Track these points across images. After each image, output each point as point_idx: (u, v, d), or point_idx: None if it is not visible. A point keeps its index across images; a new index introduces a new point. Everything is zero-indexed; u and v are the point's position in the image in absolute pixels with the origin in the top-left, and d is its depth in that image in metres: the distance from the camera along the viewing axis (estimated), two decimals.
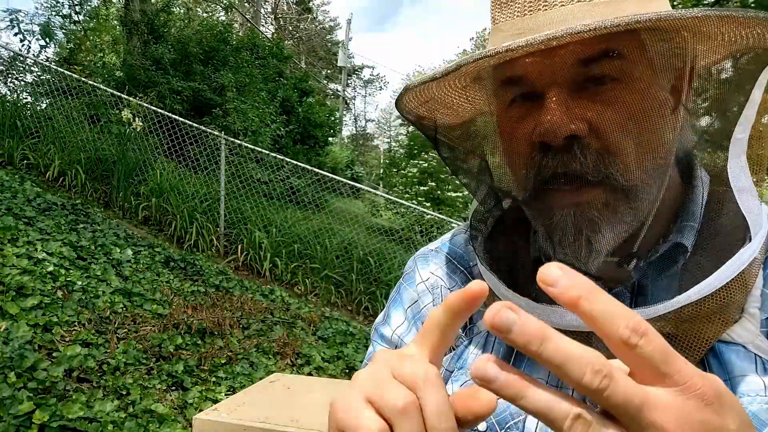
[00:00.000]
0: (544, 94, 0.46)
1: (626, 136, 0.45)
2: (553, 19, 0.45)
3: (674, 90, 0.47)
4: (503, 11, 0.49)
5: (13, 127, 5.88)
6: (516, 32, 0.47)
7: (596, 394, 0.25)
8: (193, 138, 6.69)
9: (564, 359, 0.26)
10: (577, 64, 0.45)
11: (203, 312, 3.88)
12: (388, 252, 6.38)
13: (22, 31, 7.81)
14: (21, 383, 2.43)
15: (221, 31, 10.38)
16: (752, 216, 0.44)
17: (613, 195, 0.46)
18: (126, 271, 4.04)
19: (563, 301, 0.27)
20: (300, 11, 26.41)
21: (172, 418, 2.66)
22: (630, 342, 0.26)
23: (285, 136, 10.61)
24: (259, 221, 6.24)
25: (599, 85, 0.45)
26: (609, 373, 0.25)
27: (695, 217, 0.49)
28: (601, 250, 0.46)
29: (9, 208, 4.10)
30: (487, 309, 0.26)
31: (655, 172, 0.46)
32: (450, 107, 0.58)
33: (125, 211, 5.83)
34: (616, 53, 0.44)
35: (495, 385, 0.27)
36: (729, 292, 0.43)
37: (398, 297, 0.68)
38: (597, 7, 0.44)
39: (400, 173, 13.34)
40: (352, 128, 37.78)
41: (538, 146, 0.47)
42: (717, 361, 0.45)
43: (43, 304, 3.10)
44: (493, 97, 0.54)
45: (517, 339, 0.26)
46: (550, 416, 0.26)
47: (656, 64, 0.44)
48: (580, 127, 0.45)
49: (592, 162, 0.45)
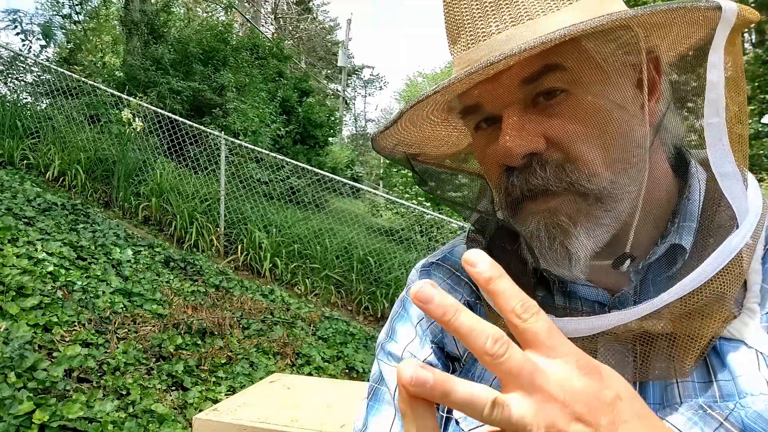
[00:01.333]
0: (501, 117, 0.48)
1: (584, 142, 0.45)
2: (493, 47, 0.46)
3: (639, 85, 0.47)
4: (454, 47, 0.51)
5: (13, 127, 5.88)
6: (464, 65, 0.49)
7: (495, 359, 0.29)
8: (193, 138, 6.69)
9: (470, 329, 0.29)
10: (522, 84, 0.46)
11: (203, 312, 3.88)
12: (388, 252, 6.38)
13: (24, 31, 7.81)
14: (21, 383, 2.43)
15: (221, 31, 10.37)
16: (737, 202, 0.44)
17: (584, 200, 0.47)
18: (126, 271, 4.04)
19: (479, 281, 0.31)
20: (300, 11, 26.41)
21: (172, 418, 2.66)
22: (522, 317, 0.30)
23: (285, 136, 10.60)
24: (259, 221, 6.24)
25: (550, 98, 0.46)
26: (506, 342, 0.29)
27: (693, 216, 0.49)
28: (580, 254, 0.47)
29: (9, 208, 4.10)
30: (413, 284, 0.29)
31: (627, 170, 0.46)
32: (439, 140, 0.60)
33: (125, 211, 5.83)
34: (556, 66, 0.45)
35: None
36: (721, 283, 0.42)
37: (404, 312, 0.65)
38: (530, 27, 0.45)
39: (400, 173, 13.35)
40: (352, 128, 37.79)
41: (504, 168, 0.49)
42: (720, 361, 0.44)
43: (43, 304, 3.10)
44: (460, 123, 0.56)
45: (435, 310, 0.29)
46: (473, 406, 0.28)
47: (604, 66, 0.45)
48: (535, 143, 0.46)
49: (553, 174, 0.46)
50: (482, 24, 0.47)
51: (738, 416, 0.41)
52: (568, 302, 0.53)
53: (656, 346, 0.45)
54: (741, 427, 0.40)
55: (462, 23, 0.49)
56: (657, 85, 0.48)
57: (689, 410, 0.43)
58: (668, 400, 0.44)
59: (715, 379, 0.44)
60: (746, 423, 0.40)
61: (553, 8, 0.45)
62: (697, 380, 0.44)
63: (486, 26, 0.47)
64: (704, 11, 0.41)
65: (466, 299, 0.60)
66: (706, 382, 0.44)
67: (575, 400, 0.29)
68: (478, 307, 0.59)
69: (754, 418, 0.40)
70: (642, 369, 0.45)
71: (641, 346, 0.45)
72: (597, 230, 0.47)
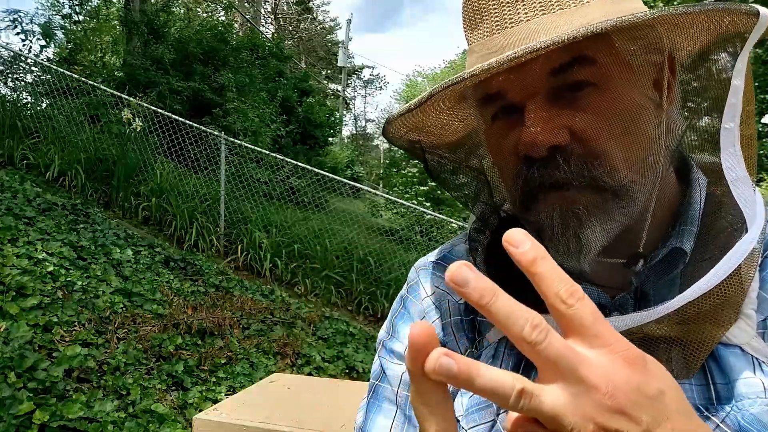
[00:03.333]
0: (524, 107, 0.47)
1: (608, 138, 0.45)
2: (521, 35, 0.45)
3: (657, 85, 0.47)
4: (474, 32, 0.50)
5: (13, 127, 5.88)
6: (487, 52, 0.48)
7: (533, 346, 0.28)
8: (193, 138, 6.69)
9: (508, 313, 0.28)
10: (550, 75, 0.46)
11: (203, 312, 3.88)
12: (388, 252, 6.38)
13: (24, 31, 7.82)
14: (21, 383, 2.43)
15: (221, 31, 10.37)
16: (748, 206, 0.44)
17: (601, 195, 0.47)
18: (126, 271, 4.04)
19: (521, 261, 0.29)
20: (300, 11, 26.41)
21: (172, 418, 2.66)
22: (567, 302, 0.29)
23: (285, 136, 10.60)
24: (259, 221, 6.23)
25: (576, 91, 0.46)
26: (545, 328, 0.28)
27: (694, 221, 0.49)
28: (591, 246, 0.47)
29: (9, 208, 4.10)
30: (449, 266, 0.29)
31: (644, 169, 0.47)
32: (439, 128, 0.60)
33: (125, 211, 5.83)
34: (586, 59, 0.44)
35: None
36: (727, 287, 0.42)
37: (404, 311, 0.65)
38: (562, 17, 0.45)
39: (400, 173, 13.36)
40: (352, 128, 37.81)
41: (523, 159, 0.49)
42: (716, 365, 0.45)
43: (43, 304, 3.10)
44: (477, 113, 0.55)
45: (471, 293, 0.28)
46: (498, 394, 0.27)
47: (632, 63, 0.45)
48: (561, 136, 0.46)
49: (576, 168, 0.46)
50: (510, 10, 0.46)
51: (734, 419, 0.42)
52: None
53: (663, 349, 0.45)
54: (737, 429, 0.41)
55: (487, 9, 0.48)
56: (672, 86, 0.48)
57: None
58: None
59: (712, 382, 0.44)
60: (742, 425, 0.41)
61: (583, 0, 0.45)
62: (694, 383, 0.45)
63: (514, 13, 0.46)
64: (744, 15, 0.41)
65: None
66: (703, 385, 0.44)
67: (617, 391, 0.28)
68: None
69: (750, 420, 0.41)
70: None
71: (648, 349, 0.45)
72: (609, 224, 0.47)
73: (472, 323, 0.59)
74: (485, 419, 0.52)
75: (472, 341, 0.59)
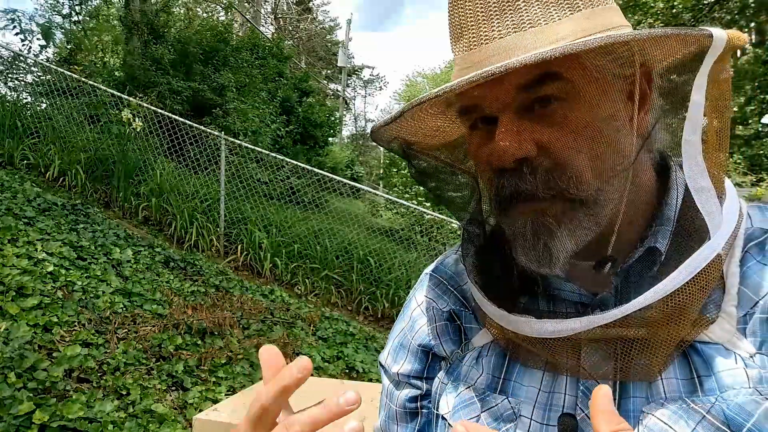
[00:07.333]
0: (497, 118, 0.49)
1: (574, 151, 0.47)
2: (494, 52, 0.48)
3: (630, 97, 0.49)
4: (456, 45, 0.52)
5: (13, 127, 5.88)
6: (465, 66, 0.50)
7: None
8: (193, 138, 6.69)
9: None
10: (520, 90, 0.47)
11: (203, 312, 3.88)
12: (388, 252, 6.38)
13: (23, 31, 7.81)
14: (21, 383, 2.43)
15: (221, 32, 10.38)
16: (710, 216, 0.46)
17: (569, 205, 0.49)
18: (126, 271, 4.04)
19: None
20: (300, 11, 26.40)
21: (172, 418, 2.66)
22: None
23: (285, 136, 10.60)
24: (259, 221, 6.24)
25: (545, 105, 0.48)
26: None
27: (670, 220, 0.51)
28: (560, 255, 0.49)
29: (9, 208, 4.10)
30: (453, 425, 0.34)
31: (612, 178, 0.49)
32: (434, 130, 0.62)
33: (125, 211, 5.83)
34: (555, 75, 0.46)
35: None
36: (686, 294, 0.44)
37: (394, 330, 0.72)
38: (534, 35, 0.47)
39: (400, 173, 13.33)
40: (352, 128, 37.78)
41: (496, 169, 0.51)
42: (700, 359, 0.47)
43: (43, 304, 3.10)
44: (459, 121, 0.58)
45: None
46: None
47: (599, 78, 0.47)
48: (528, 149, 0.48)
49: (542, 181, 0.48)
50: (485, 27, 0.48)
51: (719, 409, 0.43)
52: (553, 305, 0.55)
53: (632, 348, 0.47)
54: (723, 419, 0.43)
55: (466, 24, 0.50)
56: (647, 97, 0.50)
57: (673, 404, 0.45)
58: (653, 396, 0.47)
59: (696, 374, 0.46)
60: (728, 414, 0.43)
61: (555, 18, 0.47)
62: (680, 377, 0.47)
63: (489, 30, 0.48)
64: (697, 38, 0.43)
65: (451, 308, 0.63)
66: (689, 379, 0.46)
67: None
68: (464, 314, 0.62)
69: (736, 410, 0.43)
70: (622, 369, 0.48)
71: (620, 348, 0.48)
72: (579, 232, 0.49)
73: (458, 328, 0.63)
74: (470, 416, 0.55)
75: (458, 344, 0.62)
